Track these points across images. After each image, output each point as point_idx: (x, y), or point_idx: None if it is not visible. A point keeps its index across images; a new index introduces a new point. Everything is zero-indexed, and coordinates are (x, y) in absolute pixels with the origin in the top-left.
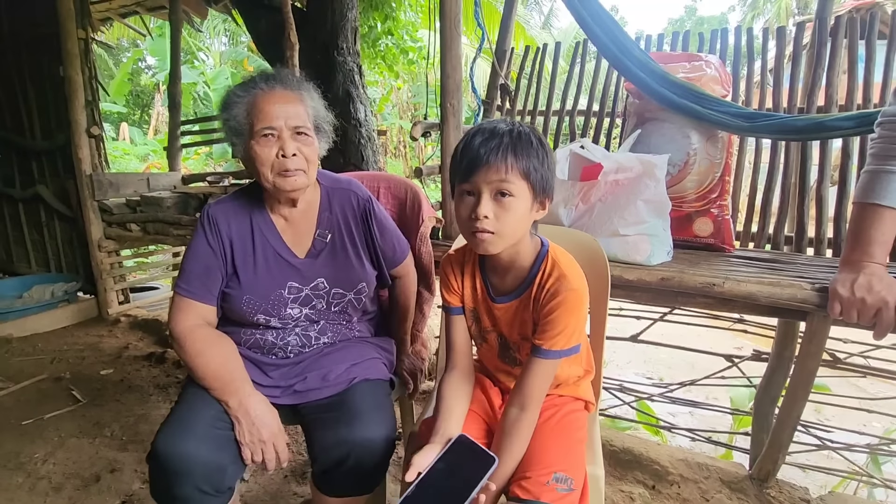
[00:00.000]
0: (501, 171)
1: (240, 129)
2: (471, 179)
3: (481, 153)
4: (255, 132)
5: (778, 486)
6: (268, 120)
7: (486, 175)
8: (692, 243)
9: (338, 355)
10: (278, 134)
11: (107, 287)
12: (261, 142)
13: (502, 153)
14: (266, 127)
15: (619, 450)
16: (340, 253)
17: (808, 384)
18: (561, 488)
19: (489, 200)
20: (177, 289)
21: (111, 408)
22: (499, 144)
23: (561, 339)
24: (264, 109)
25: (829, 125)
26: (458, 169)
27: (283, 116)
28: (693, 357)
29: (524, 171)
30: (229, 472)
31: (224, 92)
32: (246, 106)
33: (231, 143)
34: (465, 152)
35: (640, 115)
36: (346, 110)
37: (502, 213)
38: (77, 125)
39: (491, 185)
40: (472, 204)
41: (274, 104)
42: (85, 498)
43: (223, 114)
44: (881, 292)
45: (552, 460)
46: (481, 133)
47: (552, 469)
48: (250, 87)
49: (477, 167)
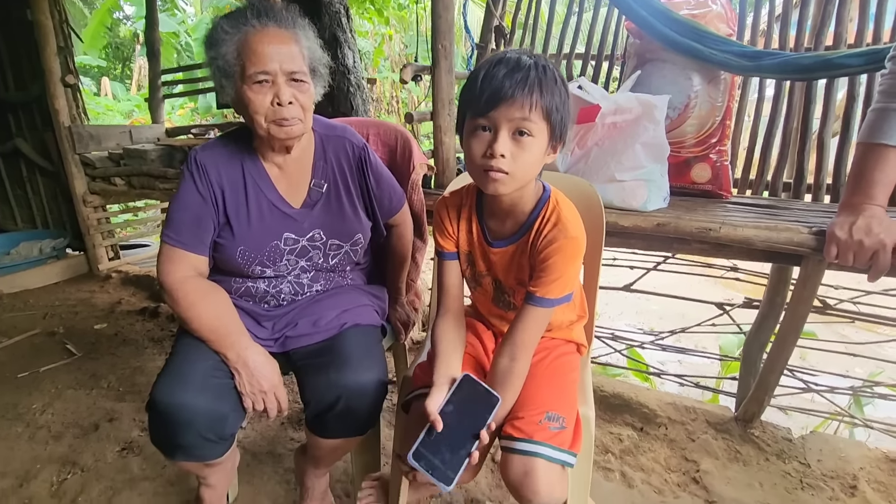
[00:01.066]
0: (525, 107)
1: (229, 71)
2: (490, 114)
3: (506, 86)
4: (247, 76)
5: (762, 427)
6: (261, 63)
7: (507, 111)
8: (689, 190)
9: (329, 301)
10: (273, 79)
11: (95, 243)
12: (254, 88)
13: (528, 88)
14: (260, 71)
15: (610, 395)
16: (336, 203)
17: (798, 328)
18: (553, 426)
19: (507, 138)
20: (165, 238)
21: (106, 361)
22: (525, 78)
23: (556, 287)
24: (257, 51)
25: (837, 62)
26: (475, 100)
27: (278, 59)
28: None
29: (547, 110)
30: (230, 420)
31: (210, 24)
32: (236, 45)
33: (219, 86)
34: (486, 83)
35: (641, 56)
36: (333, 56)
37: (519, 153)
38: (51, 74)
39: (512, 122)
40: (487, 140)
41: (268, 45)
42: (85, 445)
43: (209, 51)
44: (880, 234)
45: (545, 401)
46: (505, 63)
47: (544, 409)
48: (240, 22)
49: (499, 101)
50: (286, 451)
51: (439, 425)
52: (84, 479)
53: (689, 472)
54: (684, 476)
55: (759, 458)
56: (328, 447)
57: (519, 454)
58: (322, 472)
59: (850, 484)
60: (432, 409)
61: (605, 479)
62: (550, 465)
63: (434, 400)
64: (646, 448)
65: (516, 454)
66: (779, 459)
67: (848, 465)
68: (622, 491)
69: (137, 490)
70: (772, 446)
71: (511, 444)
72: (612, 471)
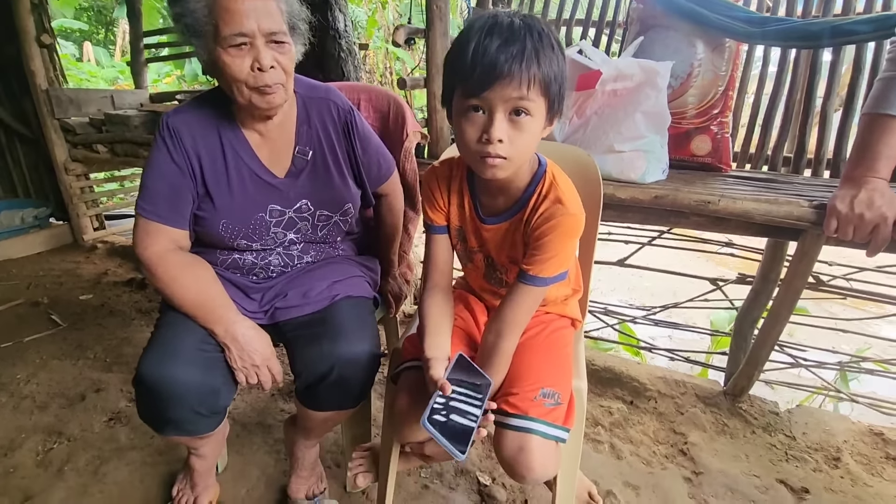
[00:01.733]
0: (524, 86)
1: (199, 30)
2: (484, 95)
3: (500, 61)
4: (221, 38)
5: (749, 401)
6: (237, 23)
7: (503, 90)
8: (688, 163)
9: (320, 272)
10: (251, 41)
11: (79, 213)
12: (230, 52)
13: (526, 63)
14: (237, 33)
15: (601, 368)
16: (322, 171)
17: (792, 304)
18: (548, 402)
19: (504, 120)
20: (140, 210)
21: (92, 331)
22: (521, 50)
23: (550, 266)
24: (231, 7)
25: (846, 28)
26: (466, 76)
27: (255, 16)
28: (676, 285)
29: (545, 84)
30: (223, 394)
31: None
32: (207, 1)
33: (191, 48)
34: (476, 56)
35: (644, 22)
36: (323, 18)
37: (517, 135)
38: (25, 33)
39: (508, 102)
40: (482, 123)
41: (243, 2)
42: (71, 415)
43: (174, 6)
44: (881, 207)
45: (539, 376)
46: (498, 32)
47: (539, 385)
48: None
49: (494, 80)
50: (276, 422)
51: (448, 388)
52: (70, 449)
53: (677, 445)
54: (672, 448)
55: (745, 431)
56: (319, 419)
57: (513, 430)
58: (312, 443)
59: (833, 456)
60: (439, 375)
61: (594, 451)
62: (545, 442)
63: (436, 369)
64: (635, 421)
65: (511, 430)
66: (765, 432)
67: (832, 438)
68: (611, 462)
69: (125, 459)
70: (759, 419)
71: (505, 419)
72: (602, 443)
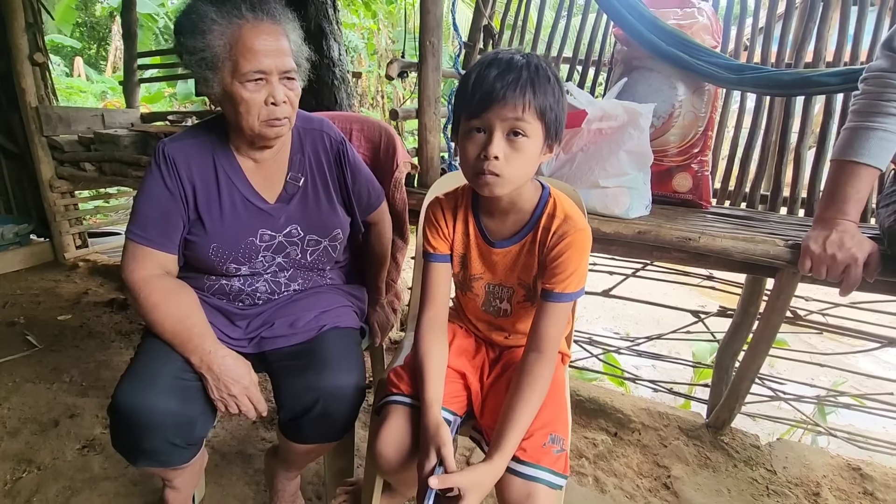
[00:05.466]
0: (518, 108)
1: (216, 65)
2: (483, 115)
3: (497, 87)
4: (240, 73)
5: (732, 434)
6: (257, 62)
7: (500, 112)
8: (670, 199)
9: (307, 302)
10: (267, 77)
11: (62, 230)
12: (248, 86)
13: (520, 89)
14: (257, 70)
15: (585, 399)
16: (313, 198)
17: (770, 338)
18: (556, 450)
19: (501, 139)
20: (130, 235)
21: (70, 353)
22: (517, 79)
23: (573, 281)
24: (253, 48)
25: (816, 80)
26: (468, 102)
27: (273, 56)
28: (659, 314)
29: (541, 110)
30: (199, 424)
31: (188, 7)
32: (228, 38)
33: (202, 78)
34: (478, 85)
35: (628, 63)
36: (318, 47)
37: (513, 155)
38: (18, 51)
39: (505, 122)
40: (481, 142)
41: (264, 42)
42: (42, 442)
43: (190, 39)
44: (851, 249)
45: (547, 420)
46: (497, 64)
47: (548, 430)
48: (233, 14)
49: (491, 103)
50: (257, 452)
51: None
52: (40, 478)
53: (661, 478)
54: (655, 482)
55: (728, 465)
56: (301, 451)
57: (522, 478)
58: (293, 474)
59: (813, 491)
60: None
61: (578, 484)
62: (550, 491)
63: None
64: (619, 453)
65: (519, 477)
66: (747, 466)
67: (812, 473)
68: (595, 496)
69: (98, 490)
70: (740, 453)
71: (516, 466)
72: (586, 475)
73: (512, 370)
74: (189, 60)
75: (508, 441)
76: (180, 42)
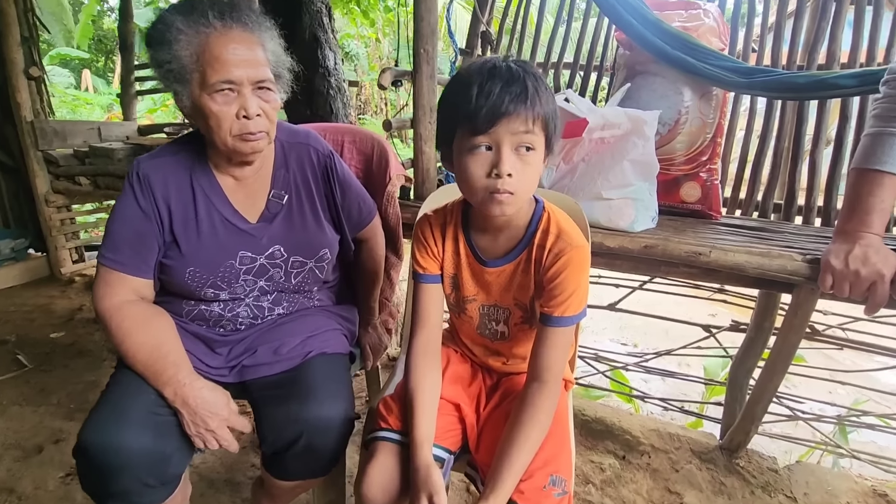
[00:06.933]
0: (528, 122)
1: (184, 77)
2: (491, 131)
3: (506, 101)
4: (208, 84)
5: (747, 456)
6: (226, 71)
7: (510, 126)
8: (678, 209)
9: (292, 326)
10: (238, 88)
11: (58, 245)
12: (216, 98)
13: (530, 101)
14: (224, 80)
15: (592, 419)
16: (298, 216)
17: (788, 357)
18: (557, 493)
19: (511, 155)
20: (101, 259)
21: (58, 374)
22: (523, 90)
23: (573, 303)
24: (221, 57)
25: (831, 83)
26: (471, 117)
27: (244, 66)
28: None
29: (545, 121)
30: (174, 461)
31: (157, 18)
32: (195, 48)
33: (172, 92)
34: (481, 98)
35: (631, 68)
36: (313, 57)
37: (523, 170)
38: (13, 65)
39: (515, 136)
40: (490, 160)
41: (233, 50)
42: (25, 470)
43: (157, 51)
44: (877, 264)
45: (548, 457)
46: (499, 75)
47: (549, 469)
48: (200, 23)
49: (500, 117)
50: (245, 479)
51: None
52: None
53: None
54: None
55: (744, 491)
56: (286, 487)
57: None
58: None
59: None
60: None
61: None
62: None
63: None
64: (628, 479)
65: None
66: (764, 492)
67: (835, 500)
68: None
69: None
70: (757, 478)
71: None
72: (593, 503)
73: (511, 400)
74: (159, 73)
75: (506, 482)
76: (149, 54)
